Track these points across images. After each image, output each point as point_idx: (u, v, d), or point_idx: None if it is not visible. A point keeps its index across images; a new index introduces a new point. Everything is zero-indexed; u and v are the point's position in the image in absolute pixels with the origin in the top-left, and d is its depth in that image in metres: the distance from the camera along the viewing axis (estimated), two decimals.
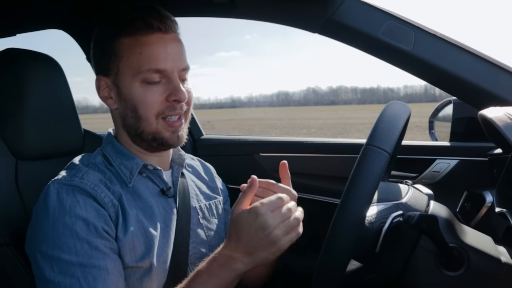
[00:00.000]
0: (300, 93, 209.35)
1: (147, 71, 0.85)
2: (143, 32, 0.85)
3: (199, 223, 0.99)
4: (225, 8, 1.21)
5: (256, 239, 0.74)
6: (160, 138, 0.88)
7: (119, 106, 0.90)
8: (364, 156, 0.66)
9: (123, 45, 0.86)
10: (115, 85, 0.89)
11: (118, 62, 0.87)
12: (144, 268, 0.85)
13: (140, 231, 0.85)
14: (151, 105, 0.86)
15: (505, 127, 0.79)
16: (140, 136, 0.90)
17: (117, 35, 0.87)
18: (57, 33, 4.53)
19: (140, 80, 0.86)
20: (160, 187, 0.93)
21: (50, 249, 0.78)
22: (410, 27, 1.03)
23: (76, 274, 0.77)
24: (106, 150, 0.93)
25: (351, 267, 0.85)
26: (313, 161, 1.50)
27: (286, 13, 1.19)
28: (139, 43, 0.85)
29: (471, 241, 0.75)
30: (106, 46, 0.88)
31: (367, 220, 0.75)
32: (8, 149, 1.01)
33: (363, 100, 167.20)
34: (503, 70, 1.00)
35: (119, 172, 0.89)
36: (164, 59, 0.85)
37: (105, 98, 0.91)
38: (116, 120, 0.94)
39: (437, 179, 1.35)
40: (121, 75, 0.87)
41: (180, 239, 0.92)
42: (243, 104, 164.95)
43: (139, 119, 0.87)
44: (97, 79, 0.92)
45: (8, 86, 1.03)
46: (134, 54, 0.85)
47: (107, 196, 0.83)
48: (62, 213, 0.79)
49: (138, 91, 0.86)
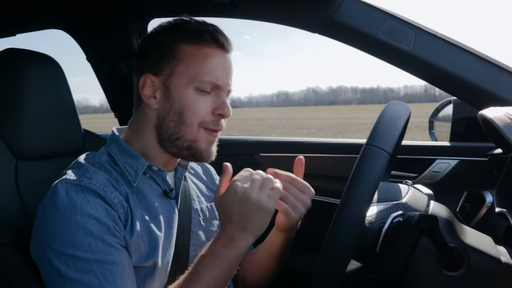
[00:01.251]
0: (300, 93, 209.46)
1: (206, 82, 0.87)
2: (209, 44, 0.88)
3: (200, 225, 0.99)
4: (225, 8, 1.22)
5: (243, 211, 0.79)
6: (195, 148, 0.89)
7: (161, 107, 0.90)
8: (364, 156, 0.66)
9: (185, 51, 0.88)
10: (164, 86, 0.89)
11: (176, 65, 0.88)
12: (148, 268, 0.85)
13: (145, 232, 0.85)
14: (198, 113, 0.88)
15: (505, 127, 0.79)
16: (174, 141, 0.89)
17: (181, 41, 0.89)
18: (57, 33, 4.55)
19: (194, 87, 0.87)
20: (163, 188, 0.93)
21: (64, 248, 0.78)
22: (410, 27, 1.03)
23: (94, 271, 0.77)
24: (111, 149, 0.93)
25: (351, 267, 0.85)
26: (313, 161, 1.49)
27: (286, 13, 1.19)
28: (202, 53, 0.88)
29: (471, 241, 0.75)
30: (165, 48, 0.89)
31: (367, 220, 0.75)
32: (8, 149, 1.01)
33: (363, 100, 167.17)
34: (503, 70, 1.00)
35: (124, 171, 0.89)
36: (222, 75, 0.89)
37: (147, 97, 0.90)
38: (148, 119, 0.92)
39: (437, 179, 1.35)
40: (175, 78, 0.88)
41: (181, 240, 0.92)
42: (243, 104, 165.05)
43: (182, 123, 0.88)
44: (143, 76, 0.90)
45: (8, 86, 1.03)
46: (196, 62, 0.87)
47: (116, 197, 0.84)
48: (73, 212, 0.79)
49: (190, 97, 0.87)
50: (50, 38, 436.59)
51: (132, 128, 0.95)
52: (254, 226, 0.79)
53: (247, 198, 0.78)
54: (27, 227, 0.96)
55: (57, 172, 0.91)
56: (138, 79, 0.91)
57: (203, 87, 0.87)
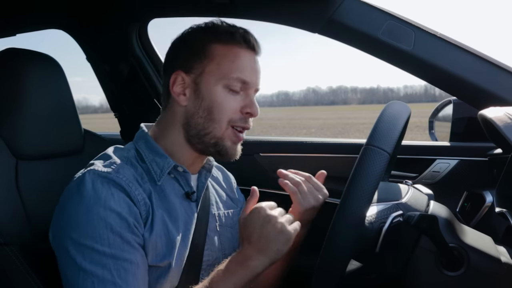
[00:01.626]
0: (300, 93, 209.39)
1: (234, 79, 0.90)
2: (240, 44, 0.91)
3: (216, 230, 0.99)
4: (225, 8, 1.22)
5: (264, 233, 0.81)
6: (222, 145, 0.91)
7: (189, 104, 0.92)
8: (364, 156, 0.66)
9: (217, 50, 0.91)
10: (194, 83, 0.91)
11: (207, 63, 0.91)
12: (162, 268, 0.85)
13: (163, 232, 0.86)
14: (227, 110, 0.90)
15: (505, 127, 0.79)
16: (201, 138, 0.91)
17: (213, 41, 0.91)
18: (57, 33, 4.53)
19: (223, 85, 0.90)
20: (185, 190, 0.94)
21: (83, 238, 0.78)
22: (410, 27, 1.03)
23: (108, 266, 0.78)
24: (139, 145, 0.93)
25: (351, 267, 0.85)
26: (313, 161, 1.49)
27: (286, 13, 1.19)
28: (233, 52, 0.91)
29: (471, 241, 0.75)
30: (198, 47, 0.92)
31: (367, 220, 0.75)
32: (8, 149, 1.01)
33: (363, 100, 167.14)
34: (503, 70, 1.00)
35: (150, 169, 0.90)
36: (251, 74, 0.92)
37: (177, 94, 0.92)
38: (176, 116, 0.93)
39: (437, 179, 1.35)
40: (206, 76, 0.90)
41: (197, 244, 0.93)
42: None
43: (211, 120, 0.90)
44: (174, 73, 0.92)
45: (8, 86, 1.03)
46: (227, 60, 0.90)
47: (140, 194, 0.84)
48: (96, 204, 0.79)
49: (219, 93, 0.90)
50: (50, 38, 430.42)
51: (160, 125, 0.96)
52: (271, 249, 0.81)
53: (268, 221, 0.81)
54: (27, 227, 0.96)
55: (57, 172, 0.91)
56: (169, 76, 0.93)
57: (232, 85, 0.90)
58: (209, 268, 0.93)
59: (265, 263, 0.81)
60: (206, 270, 0.93)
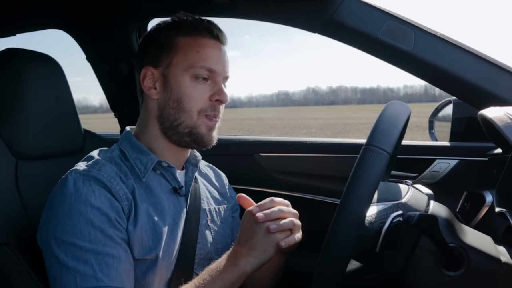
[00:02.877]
0: (300, 93, 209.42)
1: (200, 67, 0.92)
2: (204, 35, 0.95)
3: (207, 225, 1.01)
4: (225, 8, 1.22)
5: (251, 233, 0.82)
6: (196, 133, 0.93)
7: (160, 97, 0.95)
8: (364, 156, 0.66)
9: (182, 42, 0.94)
10: (163, 76, 0.94)
11: (173, 56, 0.94)
12: (150, 261, 0.87)
13: (149, 225, 0.87)
14: (196, 100, 0.92)
15: (505, 127, 0.79)
16: (175, 128, 0.93)
17: (178, 34, 0.95)
18: (57, 33, 4.54)
19: (190, 75, 0.92)
20: (173, 185, 0.96)
21: (65, 235, 0.80)
22: (410, 27, 1.03)
23: (90, 261, 0.79)
24: (123, 145, 0.96)
25: (351, 267, 0.85)
26: (313, 161, 1.49)
27: (286, 13, 1.19)
28: (198, 43, 0.94)
29: (471, 241, 0.75)
30: (164, 41, 0.95)
31: (367, 220, 0.75)
32: (8, 149, 1.01)
33: (363, 100, 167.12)
34: (503, 70, 1.00)
35: (134, 166, 0.92)
36: (217, 62, 0.94)
37: (148, 88, 0.96)
38: (150, 111, 0.97)
39: (437, 179, 1.35)
40: (173, 67, 0.94)
41: (188, 238, 0.94)
42: (243, 104, 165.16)
43: (182, 110, 0.93)
44: (144, 69, 0.96)
45: (8, 86, 1.03)
46: (192, 51, 0.93)
47: (122, 189, 0.86)
48: (77, 201, 0.81)
49: (187, 84, 0.93)
50: (50, 38, 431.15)
51: (140, 124, 1.00)
52: (258, 249, 0.81)
53: (257, 221, 0.82)
54: (27, 227, 0.96)
55: (57, 172, 0.91)
56: (139, 73, 0.96)
57: (198, 74, 0.92)
58: (202, 262, 0.95)
59: (253, 263, 0.82)
60: (199, 264, 0.95)
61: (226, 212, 1.08)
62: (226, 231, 1.05)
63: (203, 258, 0.97)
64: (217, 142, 0.97)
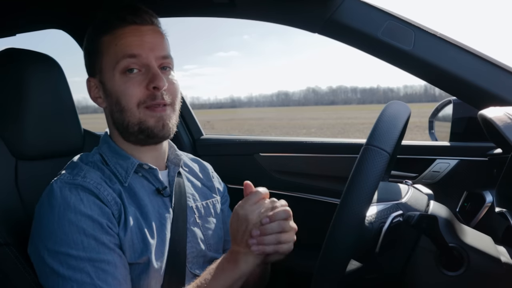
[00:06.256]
0: (300, 93, 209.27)
1: (122, 58, 0.88)
2: (118, 26, 0.90)
3: (195, 222, 0.99)
4: (225, 8, 1.21)
5: (244, 231, 0.81)
6: (146, 128, 0.90)
7: (107, 104, 0.93)
8: (364, 156, 0.66)
9: (103, 43, 0.91)
10: (101, 83, 0.93)
11: (101, 59, 0.91)
12: (142, 265, 0.86)
13: (138, 228, 0.87)
14: (131, 95, 0.88)
15: (505, 127, 0.79)
16: (127, 130, 0.91)
17: (98, 35, 0.92)
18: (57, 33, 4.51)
19: (119, 71, 0.89)
20: (156, 187, 0.94)
21: (58, 246, 0.79)
22: (410, 27, 1.02)
23: (86, 269, 0.79)
24: (102, 149, 0.95)
25: (351, 267, 0.85)
26: (313, 161, 1.49)
27: (286, 13, 1.18)
28: (115, 36, 0.90)
29: (471, 241, 0.75)
30: (91, 47, 0.93)
31: (367, 220, 0.75)
32: (8, 149, 1.01)
33: (363, 100, 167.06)
34: (503, 70, 1.00)
35: (115, 171, 0.91)
36: (139, 46, 0.88)
37: (95, 99, 0.95)
38: (108, 119, 0.96)
39: (437, 179, 1.35)
40: (104, 72, 0.91)
41: (177, 238, 0.93)
42: (243, 104, 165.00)
43: (123, 110, 0.90)
44: (87, 81, 0.95)
45: (8, 86, 1.03)
46: (112, 47, 0.89)
47: (110, 195, 0.85)
48: (66, 211, 0.81)
49: (118, 82, 0.89)
50: (50, 38, 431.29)
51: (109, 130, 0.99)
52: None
53: (246, 219, 0.81)
54: (27, 227, 0.96)
55: (57, 172, 0.91)
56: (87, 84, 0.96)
57: (124, 66, 0.88)
58: (196, 260, 0.95)
59: (249, 261, 0.82)
60: (194, 262, 0.95)
61: (215, 205, 1.07)
62: (217, 225, 1.04)
63: (196, 256, 0.96)
64: (217, 142, 0.97)
